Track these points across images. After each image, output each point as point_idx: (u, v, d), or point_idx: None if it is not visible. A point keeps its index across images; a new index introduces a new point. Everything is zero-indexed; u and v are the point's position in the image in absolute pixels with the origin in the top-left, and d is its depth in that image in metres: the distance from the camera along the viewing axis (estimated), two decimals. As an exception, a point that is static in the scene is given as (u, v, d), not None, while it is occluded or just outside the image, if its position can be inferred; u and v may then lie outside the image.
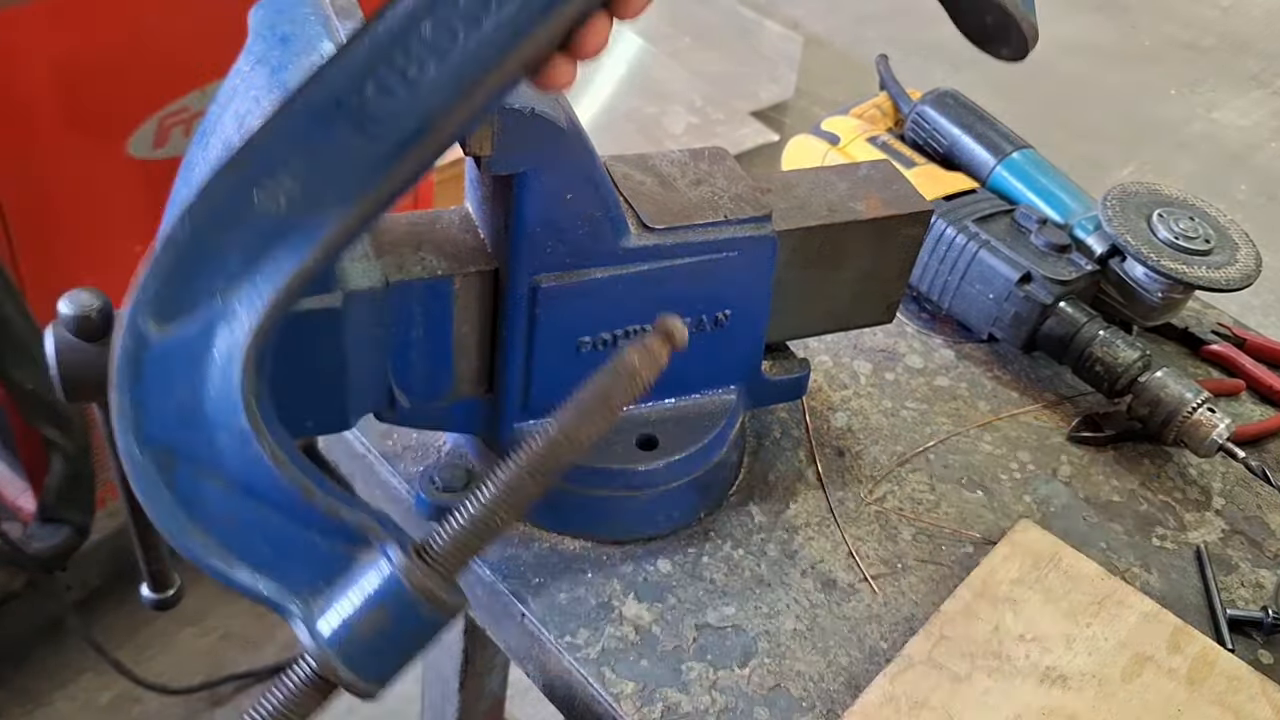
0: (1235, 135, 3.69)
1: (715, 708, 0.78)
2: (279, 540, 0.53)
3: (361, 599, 0.52)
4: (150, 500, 0.52)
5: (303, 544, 0.53)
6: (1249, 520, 0.98)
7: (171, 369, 0.53)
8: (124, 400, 0.52)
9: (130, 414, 0.52)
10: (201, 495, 0.53)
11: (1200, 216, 1.08)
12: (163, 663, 1.92)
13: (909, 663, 0.78)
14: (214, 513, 0.53)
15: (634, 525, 0.87)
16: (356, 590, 0.52)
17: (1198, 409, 0.97)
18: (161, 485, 0.52)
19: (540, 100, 0.67)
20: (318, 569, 0.53)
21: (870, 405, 1.03)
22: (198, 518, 0.53)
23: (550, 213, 0.72)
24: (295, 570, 0.53)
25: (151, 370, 0.53)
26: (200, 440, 0.53)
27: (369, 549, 0.53)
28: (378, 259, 0.73)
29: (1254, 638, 0.88)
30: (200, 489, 0.53)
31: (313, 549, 0.53)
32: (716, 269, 0.81)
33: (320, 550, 0.53)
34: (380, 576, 0.52)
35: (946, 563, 0.90)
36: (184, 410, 0.53)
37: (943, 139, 1.22)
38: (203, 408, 0.53)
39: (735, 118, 3.32)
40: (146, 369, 0.53)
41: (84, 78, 1.40)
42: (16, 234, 1.45)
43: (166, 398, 0.53)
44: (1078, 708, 0.76)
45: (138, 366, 0.53)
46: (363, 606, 0.52)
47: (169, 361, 0.53)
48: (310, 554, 0.53)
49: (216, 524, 0.53)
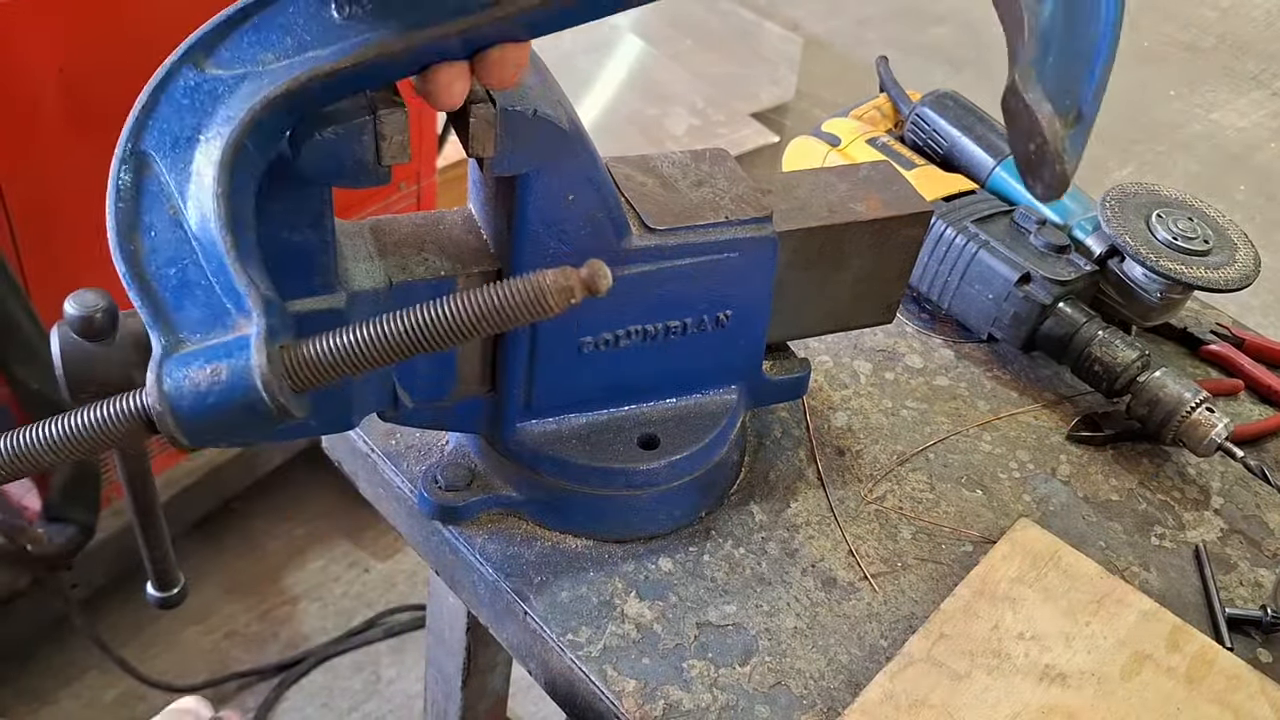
0: (1234, 136, 3.69)
1: (716, 705, 0.78)
2: (187, 277, 0.57)
3: (211, 360, 0.54)
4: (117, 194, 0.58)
5: (203, 290, 0.56)
6: (1248, 519, 0.98)
7: (192, 102, 0.59)
8: (143, 105, 0.59)
9: (142, 119, 0.59)
10: (155, 207, 0.58)
11: (1199, 217, 1.09)
12: (167, 661, 1.92)
13: (909, 661, 0.78)
14: (156, 227, 0.58)
15: (635, 524, 0.88)
16: (214, 351, 0.54)
17: (1196, 409, 0.97)
18: (131, 185, 0.58)
19: (542, 102, 0.67)
20: (202, 320, 0.56)
21: (870, 405, 1.04)
22: (141, 226, 0.58)
23: (552, 214, 0.73)
24: (185, 310, 0.56)
25: (178, 94, 0.59)
26: (180, 165, 0.58)
27: (248, 324, 0.55)
28: (381, 260, 0.74)
29: (1253, 636, 0.88)
30: (158, 202, 0.58)
31: (210, 299, 0.56)
32: (718, 270, 0.81)
33: (214, 304, 0.56)
34: (239, 348, 0.54)
35: (946, 561, 0.90)
36: (181, 137, 0.58)
37: (942, 140, 1.22)
38: (195, 140, 0.58)
39: (736, 119, 3.32)
40: (176, 90, 0.59)
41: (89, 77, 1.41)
42: (21, 234, 1.46)
43: (175, 121, 0.59)
44: (1077, 706, 0.76)
45: (169, 85, 0.59)
46: (210, 367, 0.54)
47: (195, 94, 0.59)
48: (205, 302, 0.56)
49: (152, 237, 0.58)
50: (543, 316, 0.59)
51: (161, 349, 0.55)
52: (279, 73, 0.58)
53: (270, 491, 2.15)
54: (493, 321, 0.58)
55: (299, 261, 0.68)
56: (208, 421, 0.54)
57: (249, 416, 0.54)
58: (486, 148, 0.66)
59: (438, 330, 0.57)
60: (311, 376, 0.56)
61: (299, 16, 0.59)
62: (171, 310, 0.56)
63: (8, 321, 1.39)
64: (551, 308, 0.58)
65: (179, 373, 0.53)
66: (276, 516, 2.15)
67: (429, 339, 0.57)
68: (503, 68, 0.60)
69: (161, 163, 0.58)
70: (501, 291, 0.58)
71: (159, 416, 0.53)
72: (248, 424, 0.55)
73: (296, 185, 0.64)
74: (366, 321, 0.57)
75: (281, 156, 0.62)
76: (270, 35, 0.59)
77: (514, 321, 0.58)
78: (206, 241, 0.57)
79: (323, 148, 0.61)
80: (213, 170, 0.57)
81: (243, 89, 0.58)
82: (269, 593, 2.07)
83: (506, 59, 0.60)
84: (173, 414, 0.53)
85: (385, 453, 0.93)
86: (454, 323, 0.58)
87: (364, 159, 0.63)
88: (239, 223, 0.57)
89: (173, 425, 0.54)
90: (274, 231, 0.66)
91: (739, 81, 3.49)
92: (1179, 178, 3.44)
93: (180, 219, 0.57)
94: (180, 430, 0.54)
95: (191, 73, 0.59)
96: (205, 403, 0.53)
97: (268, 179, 0.63)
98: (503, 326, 0.58)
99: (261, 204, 0.64)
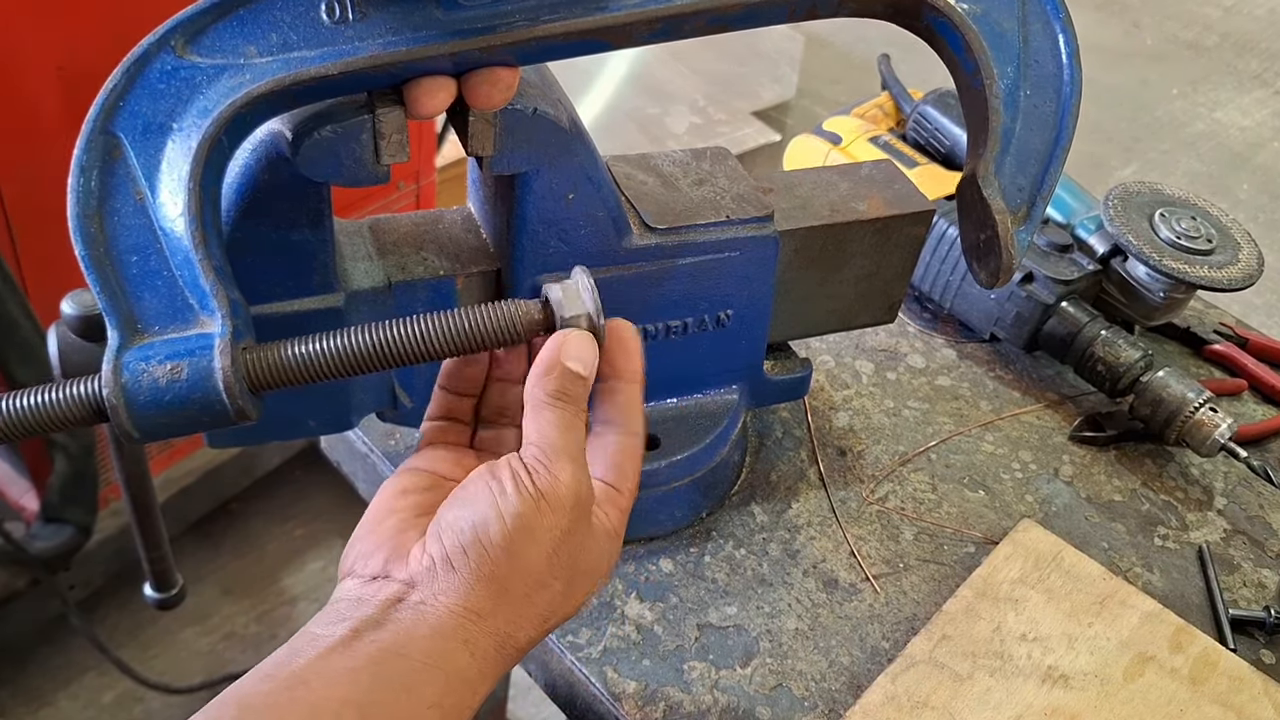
0: (1238, 135, 3.69)
1: (717, 707, 0.78)
2: (149, 267, 0.55)
3: (172, 357, 0.53)
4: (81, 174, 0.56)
5: (165, 282, 0.55)
6: (1251, 520, 0.98)
7: (169, 87, 0.57)
8: (115, 85, 0.57)
9: (113, 100, 0.57)
10: (121, 192, 0.56)
11: (1202, 216, 1.08)
12: (165, 662, 1.92)
13: (910, 662, 0.78)
14: (120, 212, 0.56)
15: (636, 525, 0.87)
16: (175, 347, 0.54)
17: (1200, 409, 0.97)
18: (97, 166, 0.56)
19: (542, 100, 0.67)
20: (161, 311, 0.55)
21: (872, 405, 1.03)
22: (105, 210, 0.56)
23: (552, 213, 0.72)
24: (144, 299, 0.55)
25: (154, 78, 0.57)
26: (150, 151, 0.56)
27: (210, 322, 0.55)
28: (380, 259, 0.73)
29: (1256, 637, 0.88)
30: (124, 186, 0.56)
31: (171, 292, 0.55)
32: (718, 269, 0.81)
33: (175, 297, 0.55)
34: (201, 348, 0.54)
35: (948, 562, 0.90)
36: (154, 123, 0.57)
37: (944, 139, 1.22)
38: (168, 128, 0.57)
39: (737, 117, 3.32)
40: (152, 73, 0.57)
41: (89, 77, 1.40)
42: (20, 234, 1.46)
43: (149, 105, 0.57)
44: (1079, 707, 0.76)
45: (144, 67, 0.57)
46: (170, 364, 0.53)
47: (172, 80, 0.57)
48: (166, 294, 0.55)
49: (115, 221, 0.56)
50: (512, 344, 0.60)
51: (119, 339, 0.54)
52: (262, 69, 0.57)
53: (269, 492, 2.15)
54: (458, 347, 0.59)
55: (298, 261, 0.67)
56: (162, 418, 0.53)
57: (205, 416, 0.54)
58: (486, 146, 0.66)
59: (402, 350, 0.58)
60: (272, 381, 0.56)
61: (287, 14, 0.58)
62: (130, 299, 0.55)
63: (5, 321, 1.39)
64: (520, 336, 0.60)
65: (138, 366, 0.53)
66: (275, 517, 2.15)
67: (393, 357, 0.57)
68: (491, 89, 0.60)
69: (131, 147, 0.57)
70: (471, 317, 0.59)
71: (112, 409, 0.53)
72: (203, 423, 0.54)
73: (296, 184, 0.64)
74: (332, 332, 0.57)
75: (281, 155, 0.62)
76: (256, 29, 0.58)
77: (480, 348, 0.59)
78: (174, 233, 0.56)
79: (321, 146, 0.61)
80: (187, 163, 0.56)
81: (223, 81, 0.57)
82: (267, 594, 2.07)
83: (497, 80, 0.60)
84: (127, 408, 0.53)
85: (385, 453, 0.92)
86: (420, 344, 0.58)
87: (363, 158, 0.62)
88: (207, 219, 0.56)
89: (125, 419, 0.53)
90: (273, 230, 0.65)
91: (740, 79, 3.49)
92: (1182, 177, 3.44)
93: (147, 206, 0.56)
94: (132, 424, 0.53)
95: (170, 57, 0.58)
96: (162, 399, 0.53)
97: (267, 177, 0.63)
98: (468, 351, 0.59)
99: (261, 203, 0.64)
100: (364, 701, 0.51)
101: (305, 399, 0.74)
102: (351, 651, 0.52)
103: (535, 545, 0.56)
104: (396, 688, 0.52)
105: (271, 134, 0.62)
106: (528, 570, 0.56)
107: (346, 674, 0.52)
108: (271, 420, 0.74)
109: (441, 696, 0.53)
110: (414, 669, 0.53)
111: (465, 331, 0.59)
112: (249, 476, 2.08)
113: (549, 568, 0.57)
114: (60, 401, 0.54)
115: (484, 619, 0.55)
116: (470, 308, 0.59)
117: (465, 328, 0.59)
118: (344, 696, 0.51)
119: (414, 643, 0.53)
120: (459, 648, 0.54)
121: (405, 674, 0.52)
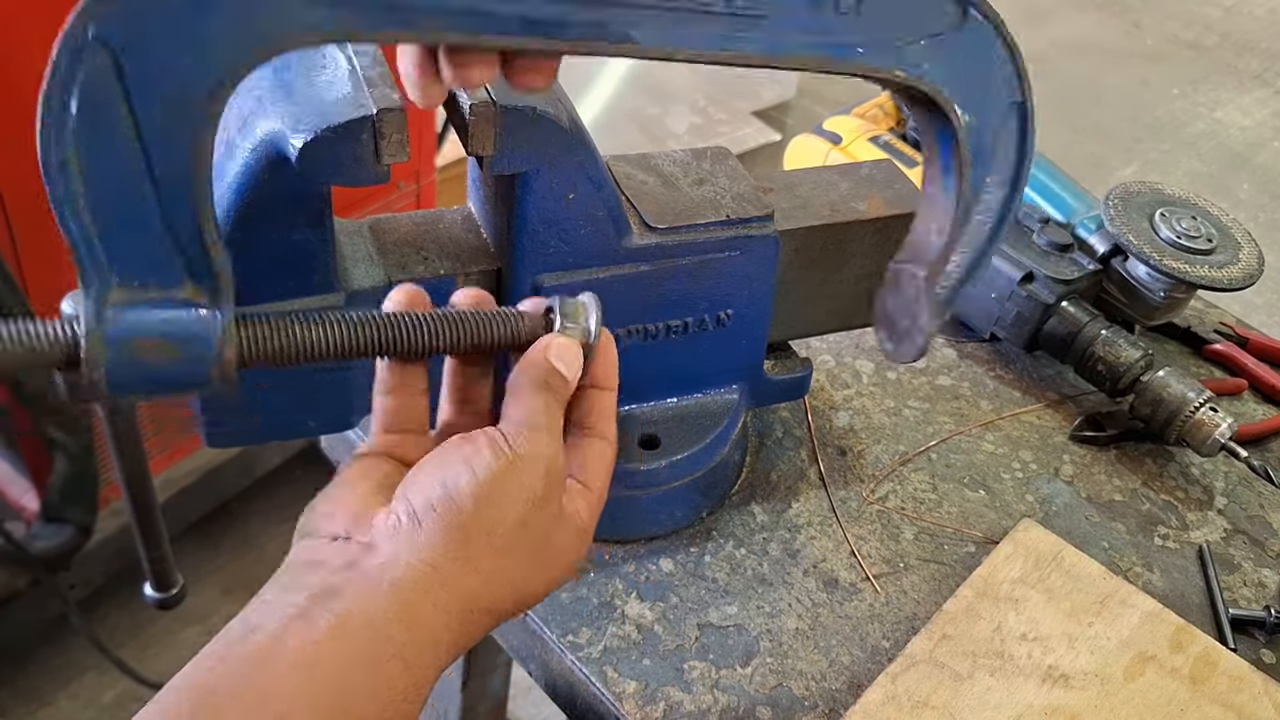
0: (1238, 134, 3.69)
1: (717, 707, 0.78)
2: (134, 213, 0.49)
3: (166, 332, 0.50)
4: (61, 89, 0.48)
5: (151, 234, 0.50)
6: (1251, 520, 0.98)
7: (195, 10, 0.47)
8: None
9: None
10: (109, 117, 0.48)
11: (1203, 216, 1.08)
12: (165, 662, 1.92)
13: (911, 662, 0.78)
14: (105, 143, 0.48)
15: (636, 524, 0.87)
16: (168, 315, 0.50)
17: (1200, 408, 0.97)
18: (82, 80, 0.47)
19: (542, 100, 0.67)
20: (142, 266, 0.50)
21: (872, 404, 1.03)
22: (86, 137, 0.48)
23: (553, 212, 0.72)
24: (123, 248, 0.50)
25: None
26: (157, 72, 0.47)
27: (201, 294, 0.51)
28: (380, 259, 0.73)
29: (1256, 637, 0.88)
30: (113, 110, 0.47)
31: (157, 246, 0.50)
32: (719, 269, 0.81)
33: (160, 252, 0.50)
34: (199, 330, 0.50)
35: (948, 562, 0.90)
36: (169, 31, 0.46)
37: (945, 138, 1.22)
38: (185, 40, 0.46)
39: (738, 117, 3.32)
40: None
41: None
42: (20, 234, 1.45)
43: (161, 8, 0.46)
44: (1080, 707, 0.76)
45: None
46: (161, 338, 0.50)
47: None
48: (148, 248, 0.50)
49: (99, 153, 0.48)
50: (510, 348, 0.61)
51: (96, 291, 0.49)
52: None
53: (269, 492, 2.15)
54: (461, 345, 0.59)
55: (298, 260, 0.67)
56: (136, 385, 0.50)
57: (183, 388, 0.51)
58: (486, 146, 0.66)
59: (402, 341, 0.57)
60: (262, 350, 0.54)
61: None
62: (108, 244, 0.49)
63: (6, 321, 1.38)
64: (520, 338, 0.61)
65: (124, 331, 0.49)
66: (275, 517, 2.15)
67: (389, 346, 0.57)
68: (536, 74, 0.56)
69: (129, 63, 0.46)
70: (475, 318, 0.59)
71: (90, 362, 0.49)
72: (177, 393, 0.52)
73: (296, 184, 0.64)
74: (329, 317, 0.56)
75: (281, 155, 0.62)
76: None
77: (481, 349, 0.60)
78: (173, 177, 0.49)
79: (322, 146, 0.61)
80: (204, 92, 0.47)
81: None
82: (268, 593, 2.07)
83: (542, 67, 0.56)
84: (107, 368, 0.49)
85: (385, 453, 0.92)
86: (421, 339, 0.58)
87: (363, 157, 0.62)
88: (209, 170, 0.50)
89: (101, 378, 0.49)
90: (273, 230, 0.65)
91: (740, 79, 3.48)
92: (1182, 176, 3.44)
93: (142, 138, 0.48)
94: (105, 383, 0.50)
95: None
96: (143, 370, 0.50)
97: (268, 177, 0.63)
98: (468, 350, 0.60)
99: (261, 203, 0.64)
100: (326, 678, 0.50)
101: (305, 399, 0.74)
102: (310, 623, 0.50)
103: (507, 503, 0.55)
104: (360, 660, 0.51)
105: (272, 134, 0.62)
106: (496, 528, 0.55)
107: (308, 649, 0.50)
108: (272, 420, 0.74)
109: (403, 648, 0.52)
110: (376, 638, 0.51)
111: (469, 330, 0.59)
112: (249, 476, 2.08)
113: (518, 531, 0.56)
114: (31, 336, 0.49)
115: (450, 579, 0.54)
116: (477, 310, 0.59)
117: (470, 327, 0.59)
118: (304, 678, 0.49)
119: (375, 606, 0.52)
120: (421, 600, 0.53)
121: (368, 645, 0.51)
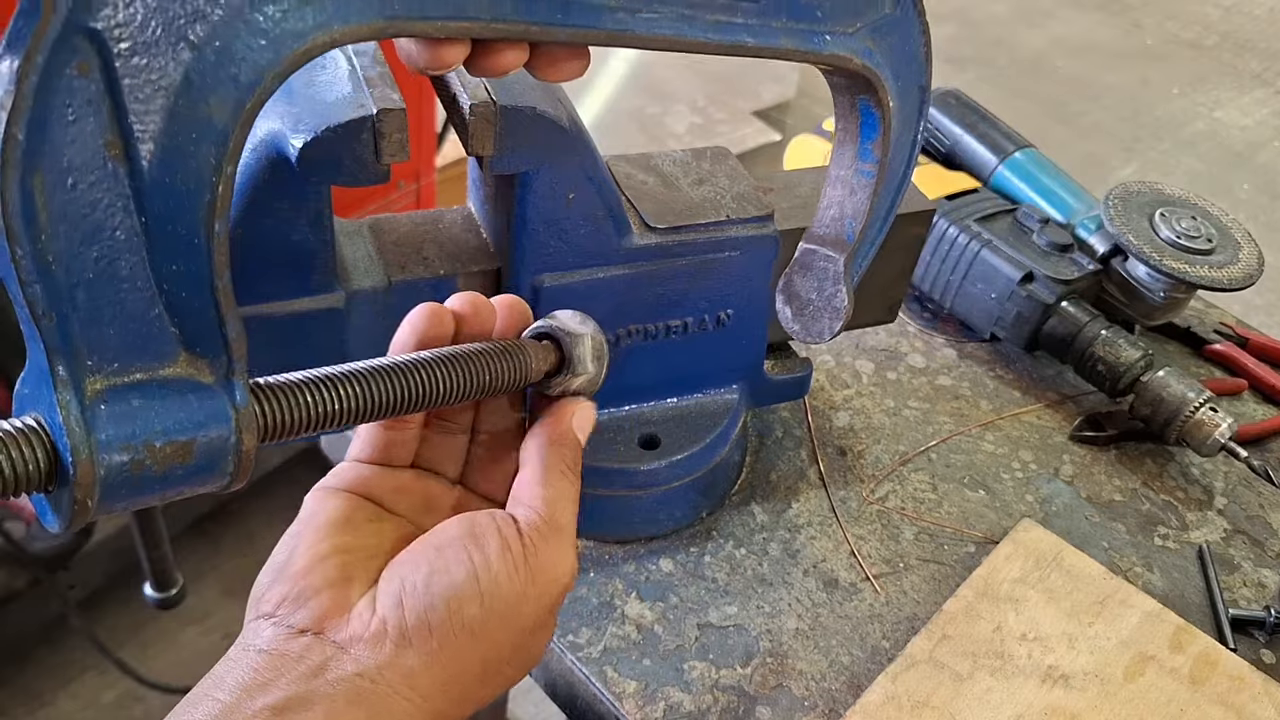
0: (1238, 134, 3.69)
1: (717, 707, 0.78)
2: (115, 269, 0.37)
3: (175, 428, 0.39)
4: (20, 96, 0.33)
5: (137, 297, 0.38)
6: (1251, 520, 0.98)
7: None
8: None
9: None
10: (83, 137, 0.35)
11: (1202, 216, 1.08)
12: (165, 662, 1.92)
13: (911, 662, 0.78)
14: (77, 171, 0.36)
15: (636, 525, 0.87)
16: (172, 410, 0.39)
17: (1200, 408, 0.97)
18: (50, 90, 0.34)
19: (542, 100, 0.67)
20: (127, 344, 0.38)
21: (872, 404, 1.03)
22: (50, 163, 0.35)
23: (552, 212, 0.72)
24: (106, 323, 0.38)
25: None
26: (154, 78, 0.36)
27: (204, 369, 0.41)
28: (380, 259, 0.73)
29: (1256, 637, 0.88)
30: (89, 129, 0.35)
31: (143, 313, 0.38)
32: (719, 268, 0.81)
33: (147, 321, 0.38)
34: (209, 414, 0.40)
35: (948, 562, 0.90)
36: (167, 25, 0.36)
37: (945, 138, 1.22)
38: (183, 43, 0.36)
39: (738, 117, 3.32)
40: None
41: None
42: None
43: None
44: (1080, 707, 0.76)
45: None
46: (173, 438, 0.39)
47: None
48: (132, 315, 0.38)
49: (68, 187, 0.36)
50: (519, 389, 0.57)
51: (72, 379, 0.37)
52: None
53: (269, 492, 2.15)
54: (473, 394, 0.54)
55: (298, 260, 0.67)
56: (135, 497, 0.40)
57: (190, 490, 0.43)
58: (486, 146, 0.66)
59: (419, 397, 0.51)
60: (283, 428, 0.46)
61: None
62: (83, 318, 0.37)
63: (4, 322, 1.39)
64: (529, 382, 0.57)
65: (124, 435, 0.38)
66: (275, 517, 2.15)
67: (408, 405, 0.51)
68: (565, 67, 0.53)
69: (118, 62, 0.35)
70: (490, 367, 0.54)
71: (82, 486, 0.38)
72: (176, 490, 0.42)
73: (295, 183, 0.64)
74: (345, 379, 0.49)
75: (281, 155, 0.62)
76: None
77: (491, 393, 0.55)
78: (176, 227, 0.37)
79: (322, 146, 0.61)
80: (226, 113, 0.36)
81: None
82: (268, 593, 2.07)
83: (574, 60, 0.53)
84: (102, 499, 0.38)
85: (384, 453, 0.92)
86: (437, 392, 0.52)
87: (363, 157, 0.62)
88: None
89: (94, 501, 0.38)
90: (273, 230, 0.65)
91: (740, 79, 3.49)
92: (1182, 176, 3.44)
93: (133, 167, 0.36)
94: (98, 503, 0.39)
95: None
96: (145, 480, 0.39)
97: (268, 176, 0.63)
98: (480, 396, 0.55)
99: (261, 202, 0.64)
100: None
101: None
102: None
103: (508, 631, 0.50)
104: None
105: (272, 134, 0.62)
106: (491, 655, 0.50)
107: None
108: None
109: None
110: None
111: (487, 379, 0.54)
112: (249, 476, 2.08)
113: (513, 653, 0.51)
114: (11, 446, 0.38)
115: (428, 700, 0.48)
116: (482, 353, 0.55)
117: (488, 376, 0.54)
118: None
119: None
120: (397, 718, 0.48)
121: None
